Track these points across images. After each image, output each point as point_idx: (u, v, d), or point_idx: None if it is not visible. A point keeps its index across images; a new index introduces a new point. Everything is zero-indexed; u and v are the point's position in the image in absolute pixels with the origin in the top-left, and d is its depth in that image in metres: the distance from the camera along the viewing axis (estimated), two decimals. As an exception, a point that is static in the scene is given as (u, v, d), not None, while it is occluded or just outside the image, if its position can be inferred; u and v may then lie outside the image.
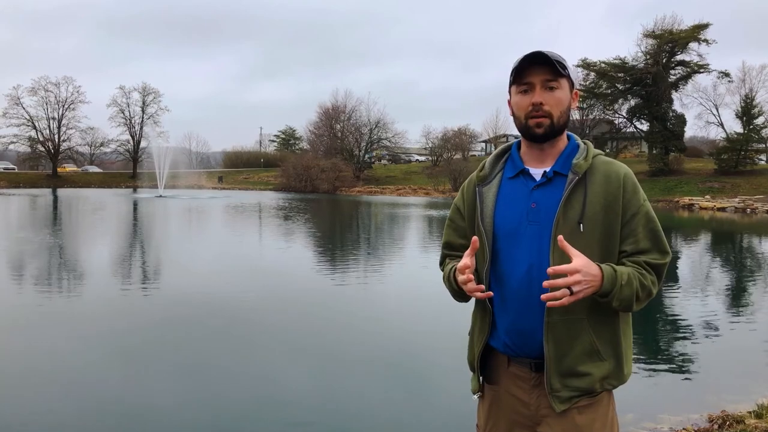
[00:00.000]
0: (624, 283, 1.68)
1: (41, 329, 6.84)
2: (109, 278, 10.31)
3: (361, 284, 10.26)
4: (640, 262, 1.74)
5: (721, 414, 4.40)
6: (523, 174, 1.84)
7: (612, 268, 1.68)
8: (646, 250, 1.75)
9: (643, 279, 1.72)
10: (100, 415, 4.48)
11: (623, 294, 1.68)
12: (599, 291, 1.66)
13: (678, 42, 48.75)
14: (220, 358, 5.92)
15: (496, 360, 1.90)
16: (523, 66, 1.76)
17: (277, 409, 4.70)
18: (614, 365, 1.79)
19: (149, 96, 69.07)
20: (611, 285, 1.66)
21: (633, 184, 1.78)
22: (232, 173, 69.80)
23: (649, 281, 1.73)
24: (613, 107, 53.45)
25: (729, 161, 46.59)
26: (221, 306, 8.14)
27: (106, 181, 64.67)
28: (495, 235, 1.82)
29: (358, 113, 66.84)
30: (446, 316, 7.25)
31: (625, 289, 1.68)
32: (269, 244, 16.60)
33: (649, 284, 1.73)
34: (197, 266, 11.83)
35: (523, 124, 1.80)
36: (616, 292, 1.66)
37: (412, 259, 13.74)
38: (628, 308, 1.72)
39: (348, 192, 54.18)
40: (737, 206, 34.47)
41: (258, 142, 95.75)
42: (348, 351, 6.29)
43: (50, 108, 65.31)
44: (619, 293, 1.67)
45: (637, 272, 1.72)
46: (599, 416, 1.79)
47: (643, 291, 1.72)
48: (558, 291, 1.61)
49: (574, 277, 1.60)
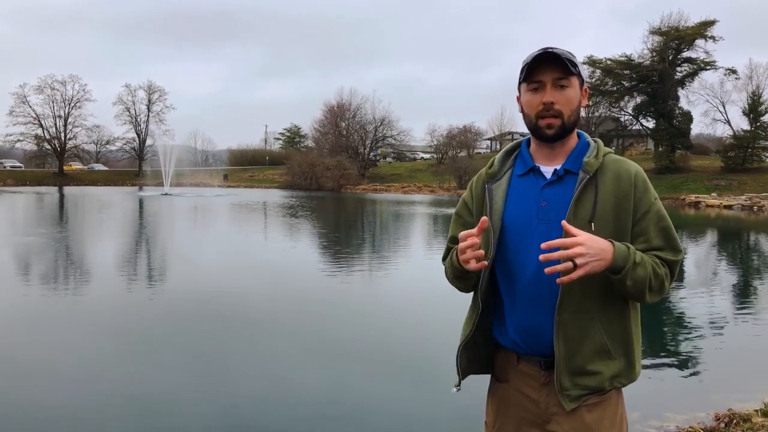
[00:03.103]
0: (638, 262, 1.65)
1: (57, 324, 6.91)
2: (121, 276, 10.35)
3: (368, 282, 10.27)
4: (654, 256, 1.73)
5: (728, 412, 4.39)
6: (534, 172, 1.83)
7: (624, 245, 1.66)
8: (658, 248, 1.75)
9: (657, 267, 1.71)
10: (115, 409, 4.52)
11: (637, 273, 1.65)
12: (610, 265, 1.62)
13: (684, 39, 48.55)
14: (231, 354, 5.96)
15: (505, 358, 1.90)
16: (534, 64, 1.75)
17: (288, 403, 4.73)
18: (624, 364, 1.78)
19: (155, 94, 69.47)
20: (624, 260, 1.63)
21: (644, 182, 1.78)
22: (237, 171, 69.95)
23: (663, 272, 1.72)
24: (619, 104, 53.28)
25: (736, 159, 46.39)
26: (230, 303, 8.17)
27: (111, 179, 64.88)
28: (503, 233, 1.82)
29: (363, 111, 66.94)
30: (453, 313, 7.26)
31: (639, 269, 1.65)
32: (276, 242, 16.63)
33: (662, 274, 1.72)
34: (206, 264, 11.86)
35: (533, 123, 1.80)
36: (629, 269, 1.63)
37: (419, 256, 13.74)
38: (640, 294, 1.69)
39: (353, 190, 54.18)
40: (744, 204, 34.32)
41: (263, 140, 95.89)
42: (356, 347, 6.32)
43: (56, 106, 65.74)
44: (632, 271, 1.64)
45: (652, 260, 1.71)
46: (608, 414, 1.79)
47: (656, 279, 1.70)
48: (560, 264, 1.58)
49: (575, 249, 1.56)
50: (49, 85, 64.80)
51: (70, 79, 65.89)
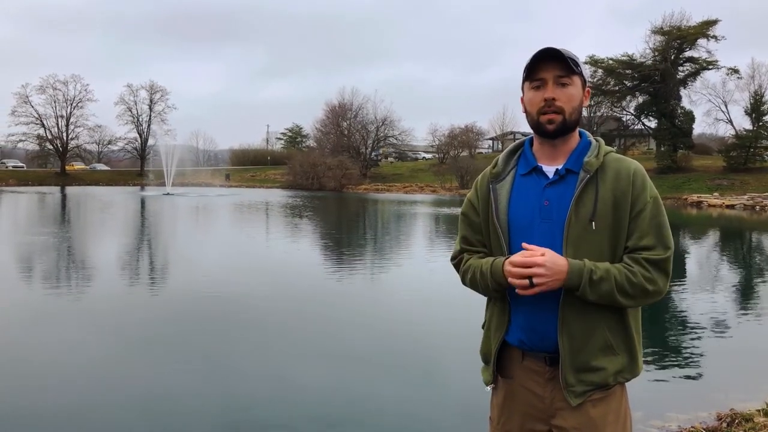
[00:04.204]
0: (596, 279, 1.69)
1: (61, 324, 6.95)
2: (124, 276, 10.38)
3: (371, 282, 10.28)
4: (638, 259, 1.74)
5: (730, 412, 4.40)
6: (536, 171, 1.86)
7: (582, 263, 1.71)
8: (650, 247, 1.74)
9: (631, 275, 1.72)
10: (119, 408, 4.53)
11: (600, 288, 1.70)
12: (565, 284, 1.70)
13: (687, 38, 48.45)
14: (234, 354, 5.98)
15: (510, 354, 1.92)
16: (536, 62, 1.77)
17: (291, 403, 4.74)
18: (628, 359, 1.81)
19: (156, 94, 69.34)
20: (578, 278, 1.69)
21: (642, 179, 1.79)
22: (239, 171, 69.98)
23: (641, 277, 1.72)
24: (621, 104, 53.21)
25: (738, 158, 46.29)
26: (234, 303, 8.19)
27: (113, 179, 64.92)
28: (508, 232, 1.84)
29: (365, 111, 66.87)
30: (455, 312, 7.27)
31: (603, 284, 1.69)
32: (279, 242, 16.64)
33: (640, 280, 1.72)
34: (209, 264, 11.87)
35: (535, 120, 1.82)
36: (584, 286, 1.69)
37: (421, 256, 13.74)
38: (615, 302, 1.73)
39: (355, 190, 54.19)
40: (746, 204, 34.26)
41: (265, 139, 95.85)
42: (359, 347, 6.33)
43: (58, 106, 65.63)
44: (591, 288, 1.69)
45: (625, 268, 1.72)
46: (612, 409, 1.81)
47: (633, 287, 1.71)
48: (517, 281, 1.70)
49: (533, 269, 1.67)
50: (51, 85, 64.80)
51: (72, 79, 65.85)
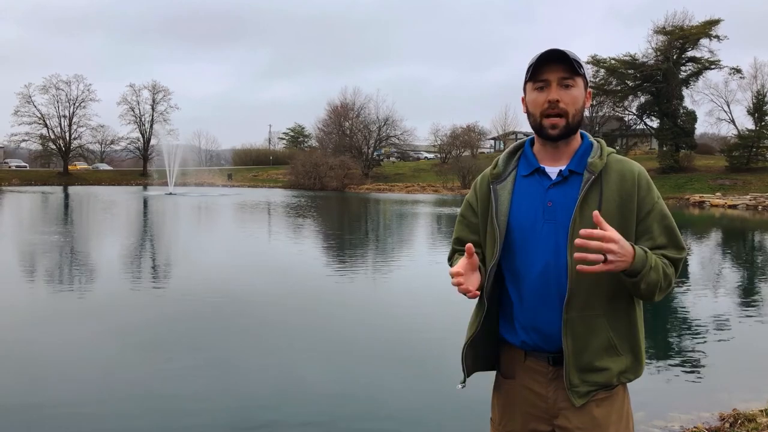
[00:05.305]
0: (653, 266, 1.69)
1: (65, 323, 6.97)
2: (127, 275, 10.38)
3: (374, 280, 10.29)
4: (660, 255, 1.76)
5: (733, 412, 4.40)
6: (539, 172, 1.85)
7: (643, 249, 1.69)
8: (663, 246, 1.78)
9: (666, 268, 1.75)
10: (124, 407, 4.55)
11: (650, 277, 1.69)
12: (629, 269, 1.65)
13: (689, 38, 48.35)
14: (240, 352, 6.00)
15: (512, 354, 1.92)
16: (540, 63, 1.76)
17: (297, 400, 4.76)
18: (631, 360, 1.82)
19: (159, 94, 69.47)
20: (641, 265, 1.66)
21: (647, 182, 1.81)
22: (241, 171, 70.00)
23: (671, 272, 1.76)
24: (623, 104, 53.12)
25: (740, 158, 46.19)
26: (238, 301, 8.20)
27: (116, 179, 65.01)
28: (509, 233, 1.84)
29: (367, 111, 66.84)
30: (457, 310, 7.27)
31: (653, 273, 1.69)
32: (281, 242, 16.64)
33: (670, 275, 1.76)
34: (213, 263, 11.88)
35: (537, 122, 1.81)
36: (645, 273, 1.67)
37: (423, 255, 13.74)
38: (650, 295, 1.73)
39: (357, 189, 54.17)
40: (749, 203, 34.18)
41: (267, 139, 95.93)
42: (363, 345, 6.35)
43: (61, 106, 65.79)
44: (647, 275, 1.68)
45: (661, 261, 1.75)
46: (615, 409, 1.82)
47: (665, 280, 1.74)
48: (592, 254, 1.58)
49: (611, 245, 1.58)
50: (54, 85, 64.94)
51: (74, 79, 65.98)
